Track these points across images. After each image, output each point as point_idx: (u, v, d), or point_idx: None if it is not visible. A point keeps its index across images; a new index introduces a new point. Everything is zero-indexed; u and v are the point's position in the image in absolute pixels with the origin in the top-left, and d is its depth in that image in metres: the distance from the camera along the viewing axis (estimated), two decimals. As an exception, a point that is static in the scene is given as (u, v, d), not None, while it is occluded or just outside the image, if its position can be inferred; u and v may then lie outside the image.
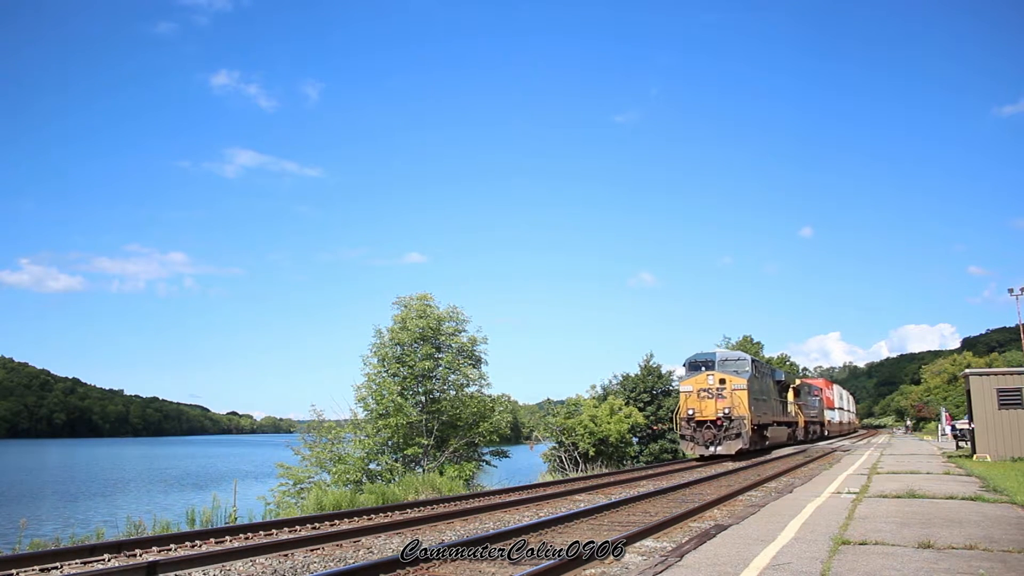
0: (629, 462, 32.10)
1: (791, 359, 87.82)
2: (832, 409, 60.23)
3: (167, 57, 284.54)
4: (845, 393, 76.18)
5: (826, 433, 53.60)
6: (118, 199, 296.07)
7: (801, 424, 40.41)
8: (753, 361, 28.30)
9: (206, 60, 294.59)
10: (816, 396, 50.17)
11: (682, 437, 26.85)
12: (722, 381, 26.49)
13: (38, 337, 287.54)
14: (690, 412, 26.48)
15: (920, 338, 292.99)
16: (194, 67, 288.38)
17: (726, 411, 25.93)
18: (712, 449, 25.83)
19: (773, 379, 33.45)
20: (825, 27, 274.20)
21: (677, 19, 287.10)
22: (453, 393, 23.95)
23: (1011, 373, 22.74)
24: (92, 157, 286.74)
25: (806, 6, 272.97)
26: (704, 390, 26.63)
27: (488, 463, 24.85)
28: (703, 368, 27.10)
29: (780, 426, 33.39)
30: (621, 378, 38.84)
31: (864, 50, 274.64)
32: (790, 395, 38.46)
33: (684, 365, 28.24)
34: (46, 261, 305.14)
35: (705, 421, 26.25)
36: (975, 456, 21.54)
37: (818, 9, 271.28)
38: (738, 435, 25.74)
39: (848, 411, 74.87)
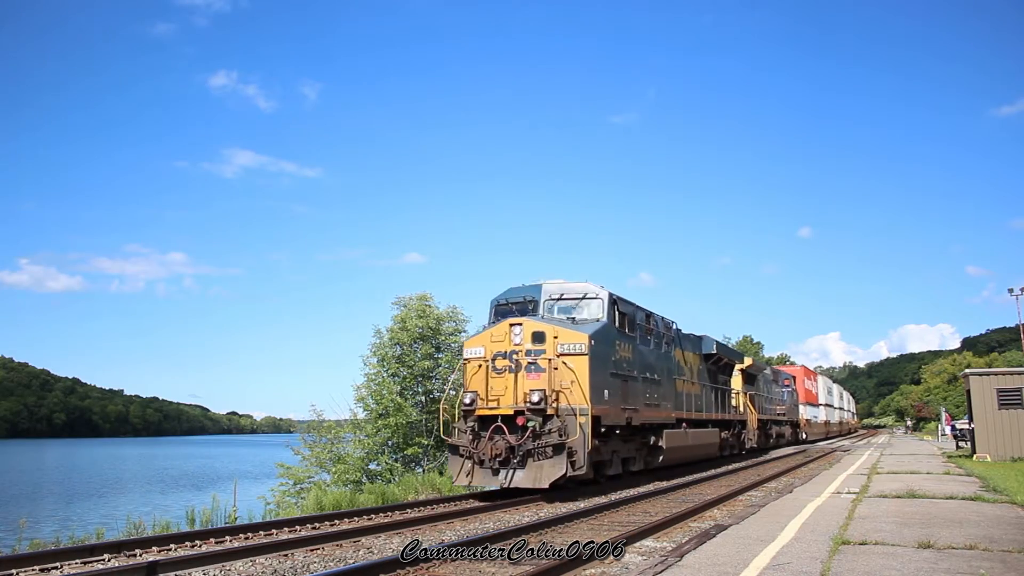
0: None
1: (791, 359, 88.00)
2: (814, 405, 50.22)
3: (166, 58, 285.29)
4: (837, 389, 69.20)
5: (803, 436, 43.01)
6: (118, 199, 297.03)
7: (752, 424, 28.31)
8: (616, 303, 15.32)
9: (205, 61, 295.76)
10: (786, 387, 39.20)
11: (452, 450, 13.96)
12: (538, 337, 13.73)
13: (38, 337, 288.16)
14: (468, 400, 13.76)
15: (920, 338, 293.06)
16: (193, 68, 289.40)
17: (535, 398, 13.11)
18: (505, 475, 13.10)
19: (693, 352, 21.54)
20: (824, 27, 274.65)
21: (675, 20, 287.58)
22: (453, 393, 23.95)
23: (1011, 373, 22.76)
24: (92, 157, 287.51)
25: (805, 6, 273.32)
26: (503, 355, 13.76)
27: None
28: (516, 313, 14.73)
29: (702, 428, 21.15)
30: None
31: (863, 50, 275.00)
32: (736, 381, 27.50)
33: (491, 310, 15.72)
34: (46, 261, 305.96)
35: (494, 417, 13.43)
36: (975, 456, 21.56)
37: (817, 9, 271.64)
38: (559, 448, 12.88)
39: (843, 410, 69.83)
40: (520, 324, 14.01)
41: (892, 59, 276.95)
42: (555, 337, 13.77)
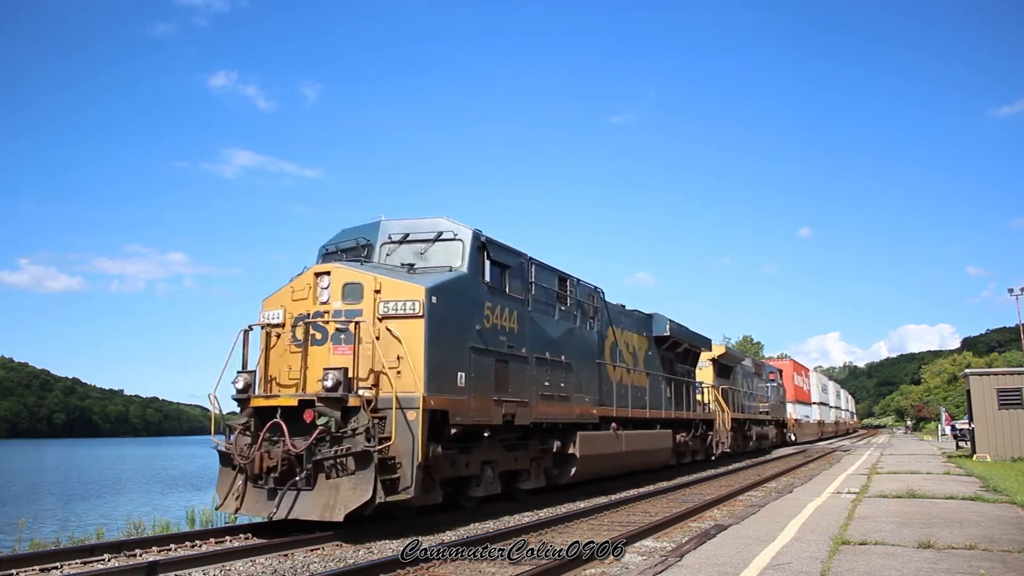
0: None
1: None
2: (806, 404, 47.09)
3: (166, 58, 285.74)
4: (834, 387, 67.11)
5: (791, 438, 39.38)
6: (118, 199, 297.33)
7: (724, 424, 23.47)
8: (486, 247, 11.00)
9: (204, 61, 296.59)
10: (771, 382, 35.16)
11: (221, 459, 9.76)
12: (352, 292, 9.68)
13: (38, 337, 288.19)
14: (241, 386, 9.91)
15: (920, 338, 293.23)
16: (193, 68, 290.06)
17: (330, 382, 8.88)
18: (280, 499, 8.78)
19: (637, 332, 17.46)
20: (824, 27, 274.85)
21: (675, 20, 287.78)
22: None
23: (1011, 373, 22.79)
24: (92, 158, 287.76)
25: (805, 6, 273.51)
26: (305, 319, 9.71)
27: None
28: (344, 259, 10.71)
29: (648, 428, 17.14)
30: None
31: (863, 50, 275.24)
32: (706, 373, 23.90)
33: (318, 261, 11.52)
34: (46, 261, 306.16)
35: (273, 411, 9.19)
36: (975, 456, 21.57)
37: (817, 9, 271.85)
38: (365, 459, 8.63)
39: (840, 409, 68.25)
40: (328, 273, 9.79)
41: (892, 59, 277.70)
42: (376, 291, 9.52)
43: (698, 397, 22.16)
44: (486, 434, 10.84)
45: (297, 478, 8.79)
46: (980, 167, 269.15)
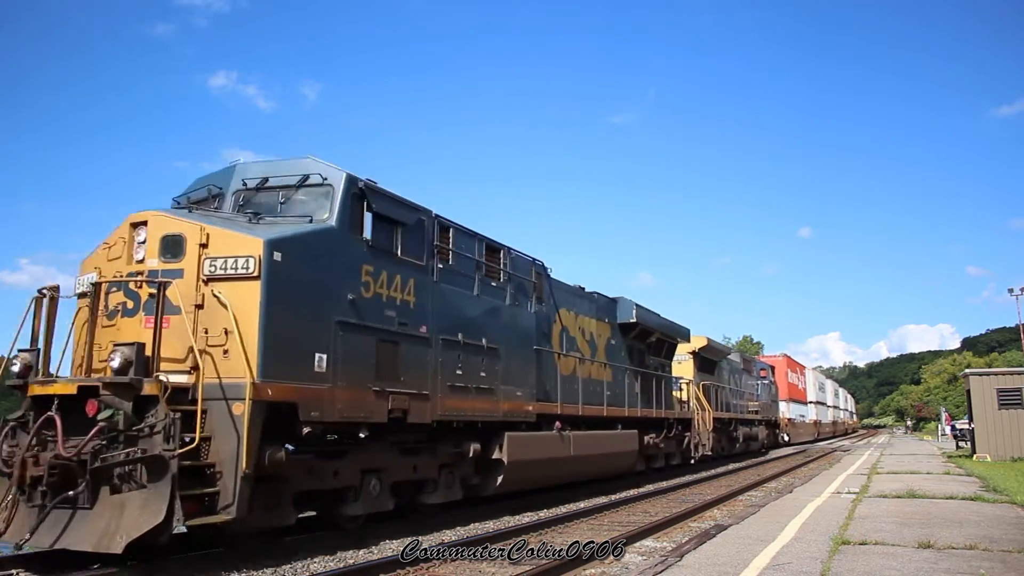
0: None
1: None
2: (801, 403, 45.15)
3: (166, 58, 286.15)
4: (832, 386, 65.96)
5: (784, 439, 36.89)
6: (118, 199, 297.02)
7: (704, 424, 21.04)
8: (365, 195, 8.72)
9: (204, 61, 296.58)
10: (762, 379, 32.98)
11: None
12: (171, 247, 7.39)
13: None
14: (19, 368, 7.18)
15: (920, 338, 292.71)
16: (193, 68, 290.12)
17: (117, 363, 6.58)
18: (41, 522, 6.42)
19: (596, 318, 15.48)
20: (824, 27, 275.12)
21: (675, 20, 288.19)
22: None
23: (1011, 373, 22.82)
24: (92, 157, 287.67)
25: (805, 6, 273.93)
26: (116, 286, 7.42)
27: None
28: (188, 212, 8.22)
29: (609, 428, 15.02)
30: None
31: (863, 50, 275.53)
32: (685, 368, 22.11)
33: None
34: (46, 261, 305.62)
35: (48, 400, 6.82)
36: (975, 456, 21.59)
37: (817, 9, 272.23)
38: (158, 468, 6.30)
39: (839, 408, 67.42)
40: (145, 224, 7.60)
41: (892, 59, 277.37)
42: (202, 245, 7.42)
43: (675, 394, 20.08)
44: (363, 435, 8.49)
45: (72, 492, 6.47)
46: (980, 167, 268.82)
